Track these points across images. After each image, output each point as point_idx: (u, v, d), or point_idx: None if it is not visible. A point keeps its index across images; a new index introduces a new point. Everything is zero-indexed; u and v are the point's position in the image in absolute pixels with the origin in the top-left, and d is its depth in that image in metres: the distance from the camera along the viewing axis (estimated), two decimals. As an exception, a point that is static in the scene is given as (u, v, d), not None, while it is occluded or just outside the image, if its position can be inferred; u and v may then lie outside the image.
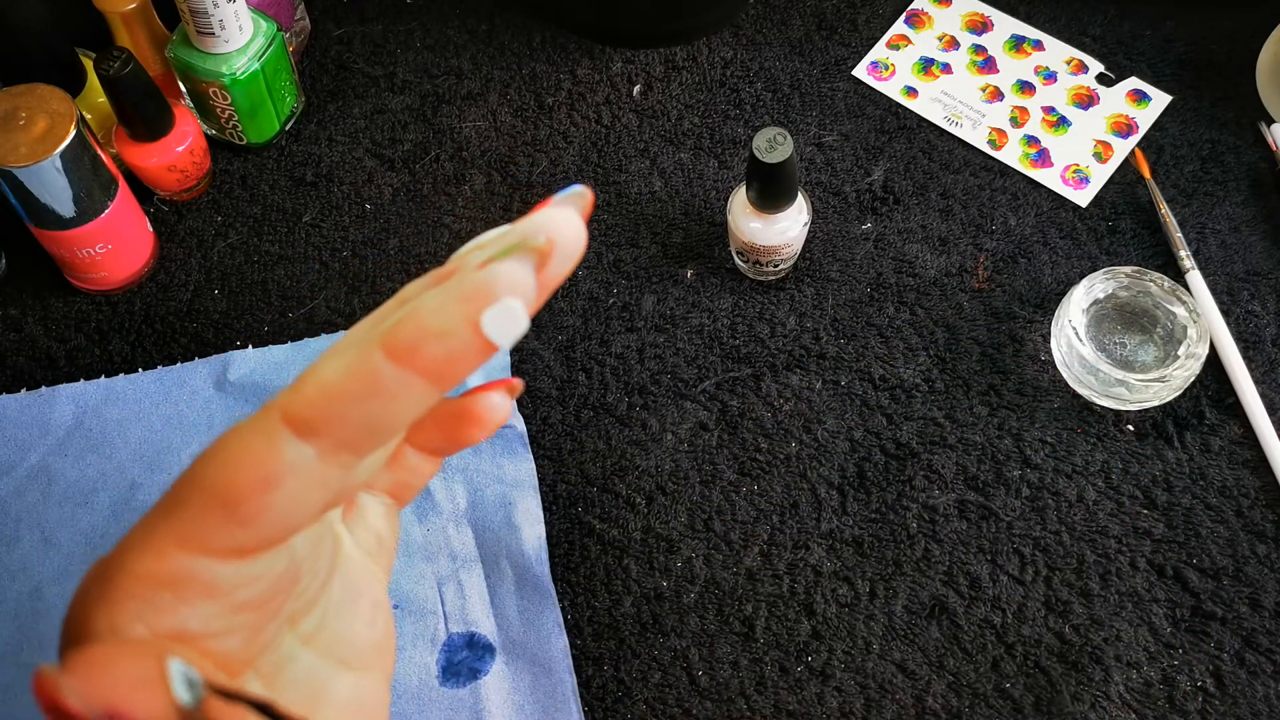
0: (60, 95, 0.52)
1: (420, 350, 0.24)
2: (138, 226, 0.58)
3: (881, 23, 0.68)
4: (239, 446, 0.25)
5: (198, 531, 0.25)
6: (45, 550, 0.52)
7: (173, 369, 0.56)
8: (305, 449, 0.25)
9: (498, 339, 0.24)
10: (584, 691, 0.49)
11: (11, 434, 0.54)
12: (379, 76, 0.66)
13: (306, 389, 0.25)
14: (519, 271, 0.24)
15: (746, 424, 0.55)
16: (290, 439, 0.25)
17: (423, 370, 0.24)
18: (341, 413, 0.24)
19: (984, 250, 0.60)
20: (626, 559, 0.52)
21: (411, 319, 0.24)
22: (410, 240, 0.61)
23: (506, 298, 0.24)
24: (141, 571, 0.25)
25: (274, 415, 0.25)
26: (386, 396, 0.24)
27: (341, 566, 0.31)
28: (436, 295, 0.24)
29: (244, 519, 0.25)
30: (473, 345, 0.24)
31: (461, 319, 0.24)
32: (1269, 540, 0.52)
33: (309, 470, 0.25)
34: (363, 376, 0.24)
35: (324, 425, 0.24)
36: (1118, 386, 0.53)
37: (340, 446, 0.25)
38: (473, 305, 0.24)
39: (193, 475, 0.25)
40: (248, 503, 0.24)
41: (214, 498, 0.25)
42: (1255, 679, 0.49)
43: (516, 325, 0.24)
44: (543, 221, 0.25)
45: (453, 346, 0.24)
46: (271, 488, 0.24)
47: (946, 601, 0.51)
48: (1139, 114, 0.64)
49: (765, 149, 0.51)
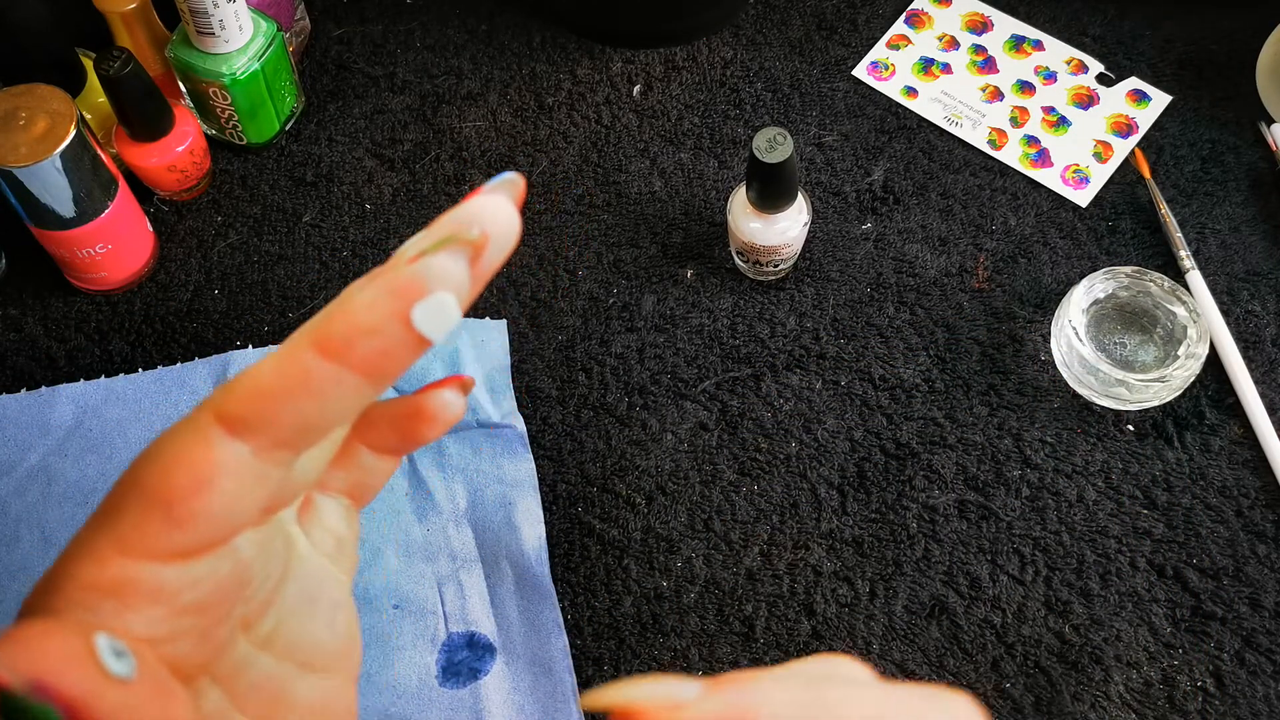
0: (60, 95, 0.52)
1: (351, 346, 0.24)
2: (138, 226, 0.58)
3: (881, 23, 0.68)
4: (173, 448, 0.25)
5: (136, 536, 0.24)
6: (45, 550, 0.52)
7: (173, 369, 0.56)
8: (239, 447, 0.24)
9: (429, 333, 0.24)
10: (584, 691, 0.49)
11: (11, 434, 0.54)
12: (379, 76, 0.66)
13: (239, 387, 0.25)
14: (451, 265, 0.24)
15: (746, 424, 0.55)
16: (223, 438, 0.24)
17: (355, 366, 0.24)
18: (273, 410, 0.24)
19: (984, 250, 0.60)
20: (626, 559, 0.52)
21: (341, 315, 0.24)
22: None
23: (438, 292, 0.24)
24: (84, 580, 0.25)
25: (207, 414, 0.25)
26: (318, 393, 0.24)
27: (296, 569, 0.30)
28: (367, 291, 0.24)
29: (181, 520, 0.24)
30: (404, 340, 0.24)
31: (391, 314, 0.24)
32: (1269, 540, 0.52)
33: (244, 469, 0.25)
34: (294, 373, 0.24)
35: (257, 423, 0.24)
36: (1118, 386, 0.53)
37: (275, 444, 0.25)
38: (403, 300, 0.24)
39: (128, 479, 0.25)
40: (184, 504, 0.24)
41: (150, 500, 0.24)
42: (1255, 679, 0.49)
43: (448, 319, 0.24)
44: (475, 212, 0.25)
45: (384, 342, 0.24)
46: (207, 488, 0.24)
47: (946, 601, 0.51)
48: (1139, 114, 0.64)
49: (765, 149, 0.51)
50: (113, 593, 0.24)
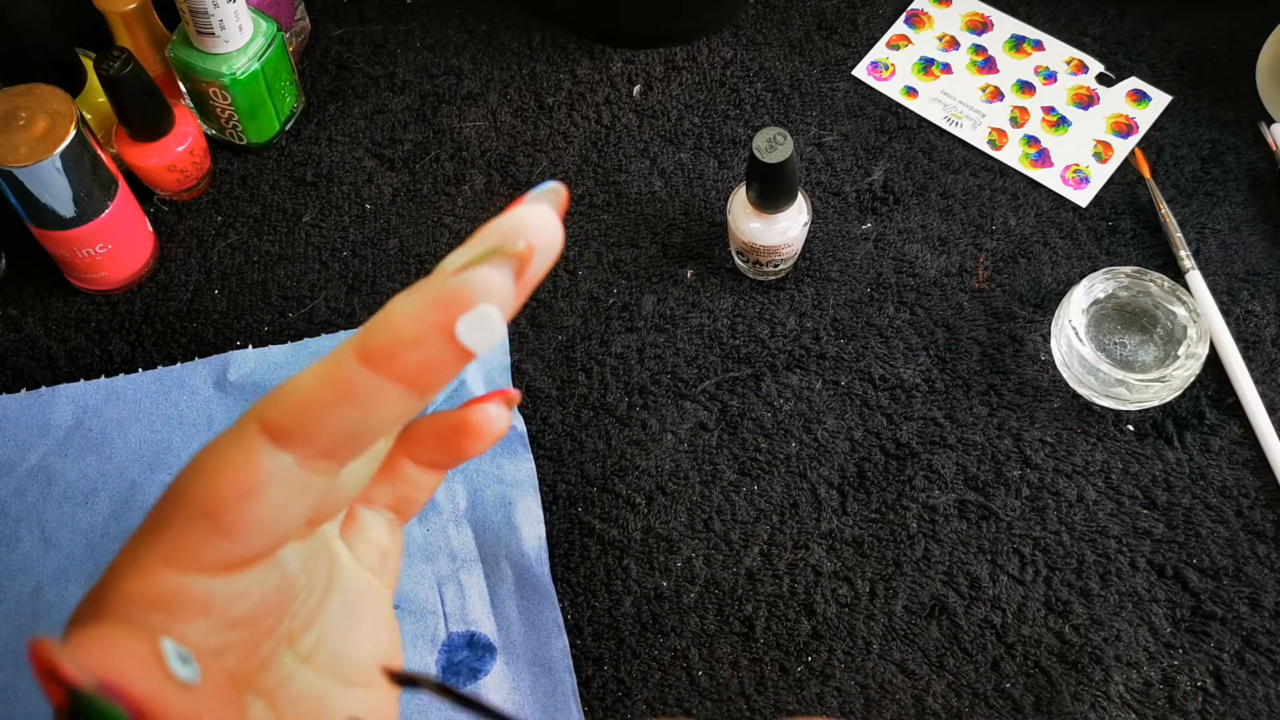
0: (60, 95, 0.52)
1: (394, 358, 0.24)
2: (138, 226, 0.58)
3: (881, 23, 0.68)
4: (218, 458, 0.25)
5: (184, 547, 0.24)
6: (45, 550, 0.52)
7: (173, 369, 0.56)
8: (284, 457, 0.24)
9: (473, 346, 0.24)
10: (584, 691, 0.49)
11: (11, 434, 0.54)
12: (379, 76, 0.66)
13: (283, 397, 0.25)
14: (496, 278, 0.24)
15: (746, 424, 0.55)
16: (268, 448, 0.24)
17: (398, 377, 0.24)
18: (318, 420, 0.24)
19: (984, 250, 0.60)
20: (626, 559, 0.52)
21: (385, 325, 0.24)
22: (410, 240, 0.61)
23: (482, 305, 0.24)
24: (131, 593, 0.25)
25: (251, 425, 0.25)
26: (362, 403, 0.24)
27: (340, 582, 0.31)
28: (411, 301, 0.24)
29: (228, 531, 0.24)
30: (447, 353, 0.24)
31: (435, 326, 0.23)
32: (1269, 540, 0.52)
33: (290, 479, 0.25)
34: (338, 383, 0.24)
35: (301, 433, 0.24)
36: (1118, 386, 0.53)
37: (319, 454, 0.25)
38: (446, 313, 0.23)
39: (174, 491, 0.25)
40: (230, 514, 0.24)
41: (197, 511, 0.24)
42: (1255, 679, 0.49)
43: (492, 333, 0.24)
44: (520, 223, 0.25)
45: (427, 354, 0.24)
46: (252, 497, 0.24)
47: (946, 601, 0.51)
48: (1139, 114, 0.64)
49: (765, 149, 0.51)
50: (161, 605, 0.24)
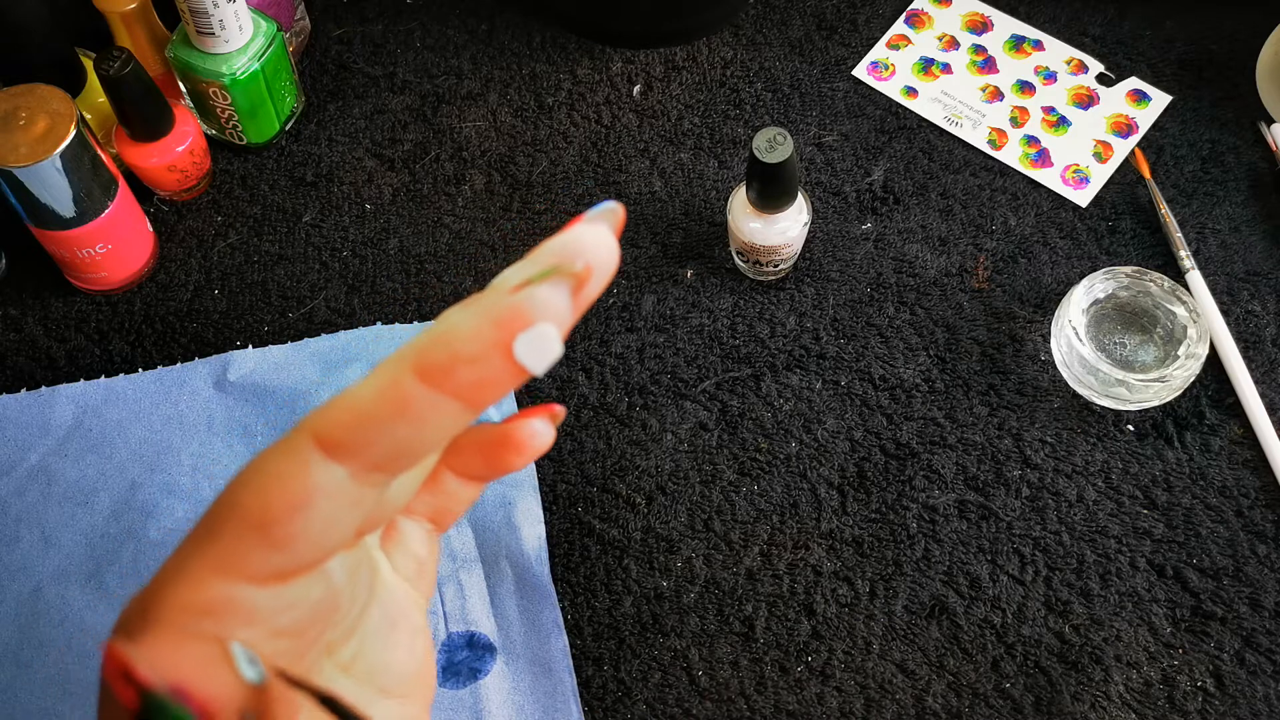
0: (60, 95, 0.52)
1: (452, 374, 0.24)
2: (138, 226, 0.58)
3: (881, 23, 0.68)
4: (270, 469, 0.25)
5: (234, 557, 0.24)
6: (45, 550, 0.52)
7: (173, 369, 0.56)
8: (336, 470, 0.24)
9: (530, 365, 0.24)
10: (584, 691, 0.49)
11: (11, 434, 0.54)
12: (379, 76, 0.66)
13: (337, 410, 0.25)
14: (555, 297, 0.24)
15: (746, 424, 0.55)
16: (321, 460, 0.24)
17: (454, 393, 0.24)
18: (372, 434, 0.24)
19: (984, 250, 0.60)
20: (626, 559, 0.52)
21: (443, 341, 0.24)
22: (410, 240, 0.61)
23: (540, 324, 0.23)
24: (181, 601, 0.24)
25: (305, 436, 0.25)
26: (417, 418, 0.24)
27: (380, 593, 0.30)
28: (470, 317, 0.24)
29: (278, 542, 0.24)
30: (504, 370, 0.24)
31: (494, 344, 0.23)
32: (1269, 540, 0.52)
33: (341, 491, 0.25)
34: (394, 398, 0.24)
35: (355, 446, 0.24)
36: (1118, 386, 0.53)
37: (372, 467, 0.25)
38: (505, 330, 0.23)
39: (225, 500, 0.25)
40: (281, 525, 0.24)
41: (248, 521, 0.24)
42: (1255, 679, 0.49)
43: (550, 351, 0.24)
44: (578, 243, 0.25)
45: (484, 371, 0.24)
46: (304, 509, 0.24)
47: (946, 601, 0.51)
48: (1139, 114, 0.64)
49: (765, 149, 0.51)
50: (210, 614, 0.24)
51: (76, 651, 0.50)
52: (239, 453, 0.54)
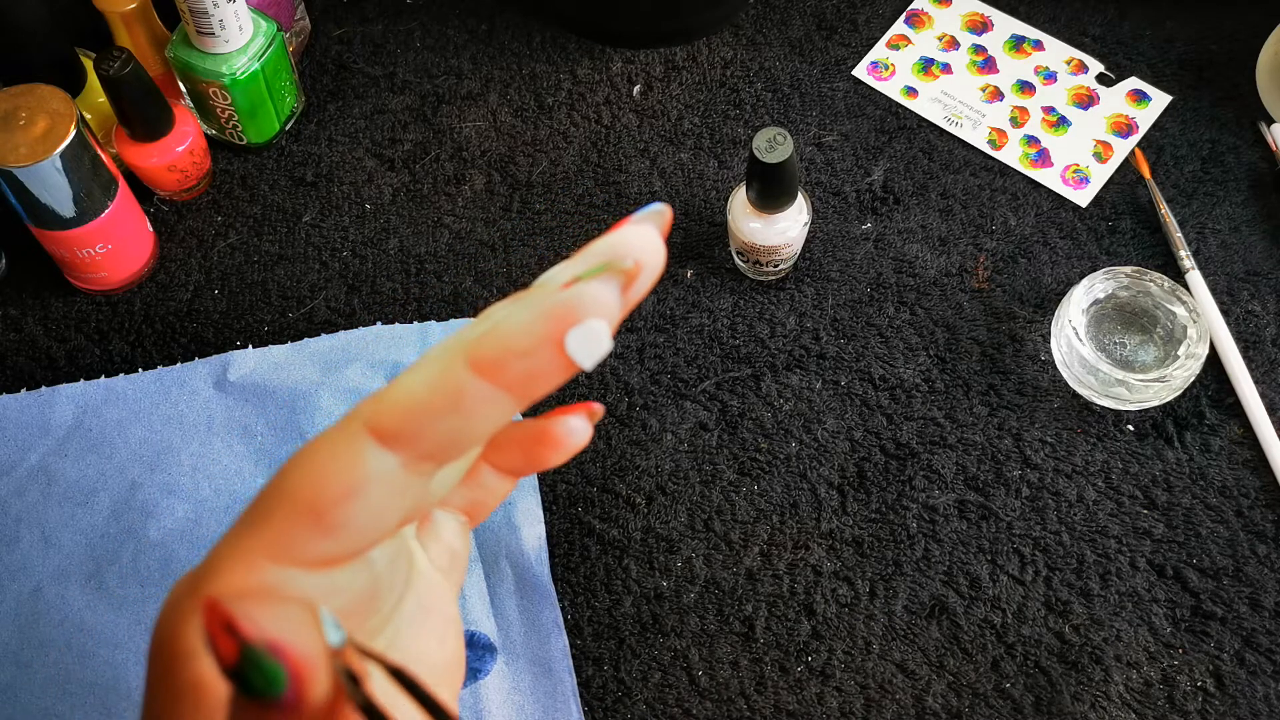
0: (60, 95, 0.52)
1: (504, 366, 0.24)
2: (138, 226, 0.58)
3: (881, 23, 0.68)
4: (324, 456, 0.25)
5: (286, 542, 0.25)
6: (45, 550, 0.52)
7: (173, 369, 0.56)
8: (389, 458, 0.25)
9: (580, 359, 0.24)
10: (584, 691, 0.49)
11: (11, 434, 0.54)
12: (379, 76, 0.66)
13: (391, 400, 0.25)
14: (605, 293, 0.24)
15: (746, 424, 0.55)
16: (375, 448, 0.25)
17: (505, 385, 0.24)
18: (425, 424, 0.25)
19: (984, 250, 0.60)
20: (626, 559, 0.52)
21: (496, 335, 0.24)
22: (410, 240, 0.61)
23: (591, 319, 0.24)
24: (233, 584, 0.25)
25: (357, 424, 0.25)
26: (468, 410, 0.25)
27: (415, 583, 0.31)
28: (522, 311, 0.24)
29: (330, 528, 0.25)
30: (555, 364, 0.24)
31: (546, 338, 0.24)
32: (1269, 540, 0.52)
33: (392, 479, 0.25)
34: (447, 389, 0.24)
35: (407, 436, 0.25)
36: (1118, 386, 0.53)
37: (422, 457, 0.25)
38: (557, 325, 0.24)
39: (278, 486, 0.25)
40: (334, 511, 0.25)
41: (300, 507, 0.25)
42: (1255, 679, 0.49)
43: (600, 346, 0.24)
44: (628, 242, 0.25)
45: (536, 364, 0.24)
46: (356, 496, 0.25)
47: (946, 601, 0.51)
48: (1139, 114, 0.64)
49: (765, 149, 0.51)
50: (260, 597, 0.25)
51: (76, 651, 0.50)
52: (239, 453, 0.54)
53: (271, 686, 0.21)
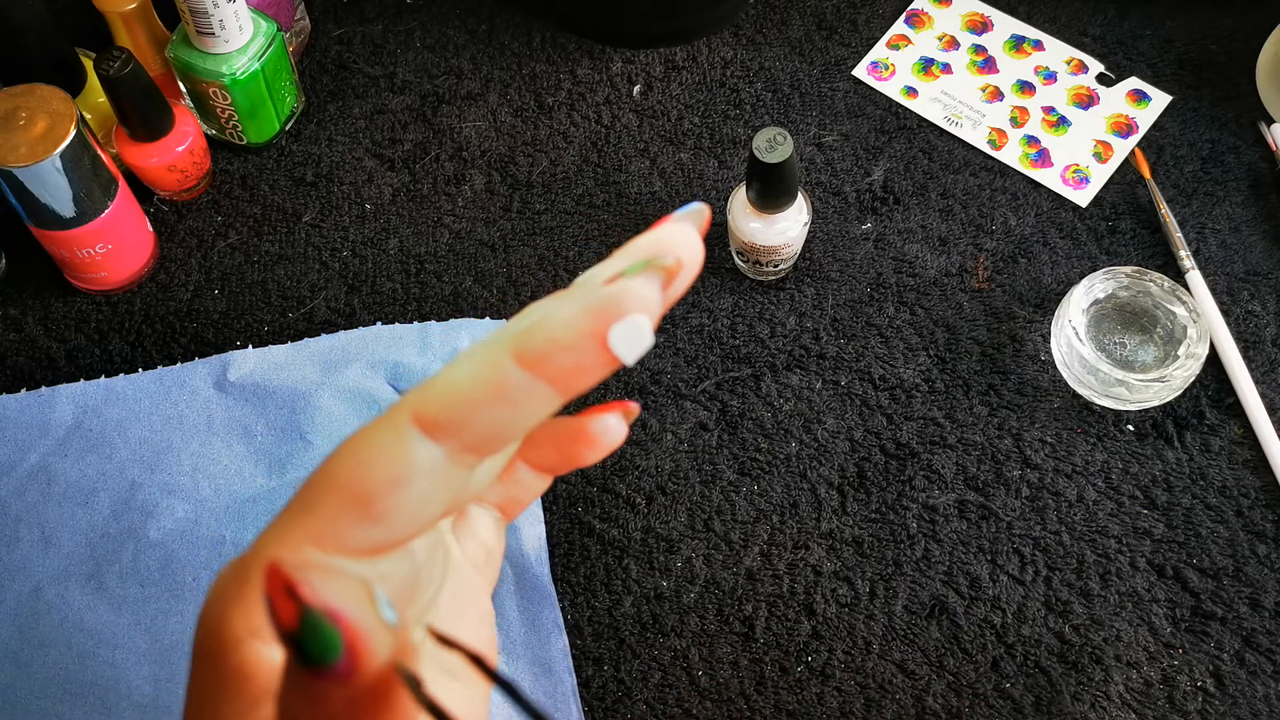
0: (60, 95, 0.52)
1: (548, 360, 0.25)
2: (138, 226, 0.58)
3: (881, 23, 0.68)
4: (371, 445, 0.26)
5: (332, 529, 0.25)
6: (45, 550, 0.52)
7: (173, 369, 0.56)
8: (435, 449, 0.25)
9: (623, 354, 0.25)
10: (584, 691, 0.49)
11: (11, 434, 0.54)
12: (379, 76, 0.66)
13: (438, 391, 0.25)
14: (647, 289, 0.25)
15: (746, 424, 0.55)
16: (421, 438, 0.25)
17: (549, 378, 0.25)
18: (471, 415, 0.25)
19: (984, 250, 0.60)
20: (626, 559, 0.52)
21: (541, 329, 0.25)
22: (410, 240, 0.61)
23: (634, 314, 0.25)
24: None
25: (405, 415, 0.26)
26: (513, 401, 0.25)
27: (451, 576, 0.31)
28: (567, 306, 0.25)
29: (376, 516, 0.25)
30: (598, 359, 0.25)
31: (590, 333, 0.25)
32: (1269, 540, 0.52)
33: (437, 470, 0.25)
34: (492, 381, 0.25)
35: (454, 426, 0.25)
36: (1118, 386, 0.53)
37: (466, 448, 0.26)
38: (601, 320, 0.24)
39: (325, 474, 0.26)
40: (380, 500, 0.25)
41: (348, 495, 0.25)
42: (1255, 679, 0.49)
43: (642, 341, 0.25)
44: (669, 240, 0.26)
45: (579, 358, 0.25)
46: (402, 486, 0.25)
47: (946, 601, 0.51)
48: (1139, 114, 0.64)
49: (765, 149, 0.51)
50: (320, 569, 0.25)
51: (76, 651, 0.50)
52: (239, 453, 0.54)
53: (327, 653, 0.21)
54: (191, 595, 0.51)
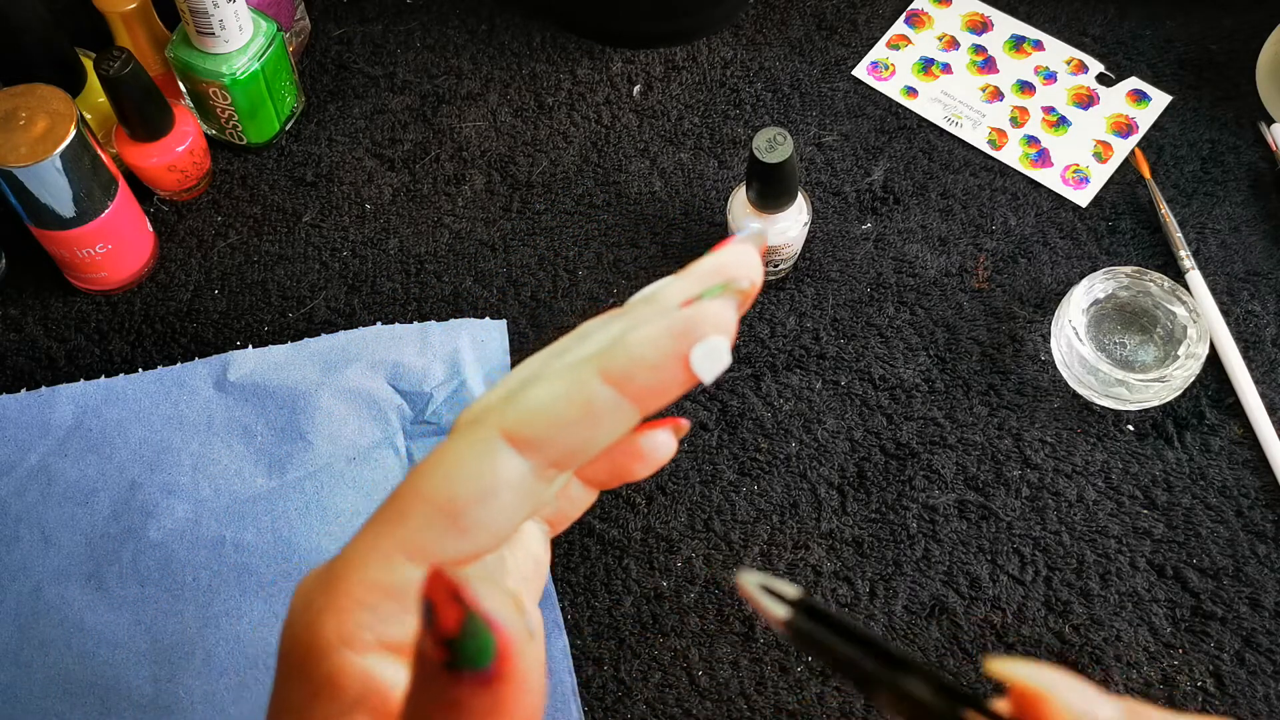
0: (60, 95, 0.52)
1: (632, 379, 0.26)
2: (138, 226, 0.58)
3: (881, 23, 0.68)
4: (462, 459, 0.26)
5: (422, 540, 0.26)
6: (45, 550, 0.52)
7: (173, 369, 0.56)
8: (522, 463, 0.26)
9: (703, 374, 0.26)
10: (584, 691, 0.49)
11: (11, 434, 0.54)
12: (379, 76, 0.66)
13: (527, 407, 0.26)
14: (726, 311, 0.26)
15: (746, 424, 0.55)
16: (511, 453, 0.26)
17: (632, 396, 0.26)
18: (559, 432, 0.26)
19: (984, 250, 0.60)
20: (626, 559, 0.52)
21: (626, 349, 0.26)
22: (410, 240, 0.61)
23: (714, 336, 0.26)
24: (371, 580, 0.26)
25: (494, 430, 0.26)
26: (598, 419, 0.26)
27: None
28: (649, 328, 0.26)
29: (466, 529, 0.26)
30: (680, 378, 0.26)
31: (674, 354, 0.26)
32: (1269, 540, 0.52)
33: (523, 484, 0.26)
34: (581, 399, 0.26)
35: (541, 443, 0.26)
36: (1118, 386, 0.53)
37: (551, 463, 0.27)
38: (684, 341, 0.26)
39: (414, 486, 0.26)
40: (470, 512, 0.26)
41: (437, 508, 0.26)
42: (1255, 679, 0.49)
43: (721, 362, 0.26)
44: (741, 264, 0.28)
45: (662, 378, 0.26)
46: (491, 498, 0.26)
47: (946, 601, 0.51)
48: (1139, 114, 0.64)
49: (765, 149, 0.51)
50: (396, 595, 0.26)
51: (76, 651, 0.50)
52: (239, 453, 0.54)
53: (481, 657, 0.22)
54: (191, 595, 0.51)
